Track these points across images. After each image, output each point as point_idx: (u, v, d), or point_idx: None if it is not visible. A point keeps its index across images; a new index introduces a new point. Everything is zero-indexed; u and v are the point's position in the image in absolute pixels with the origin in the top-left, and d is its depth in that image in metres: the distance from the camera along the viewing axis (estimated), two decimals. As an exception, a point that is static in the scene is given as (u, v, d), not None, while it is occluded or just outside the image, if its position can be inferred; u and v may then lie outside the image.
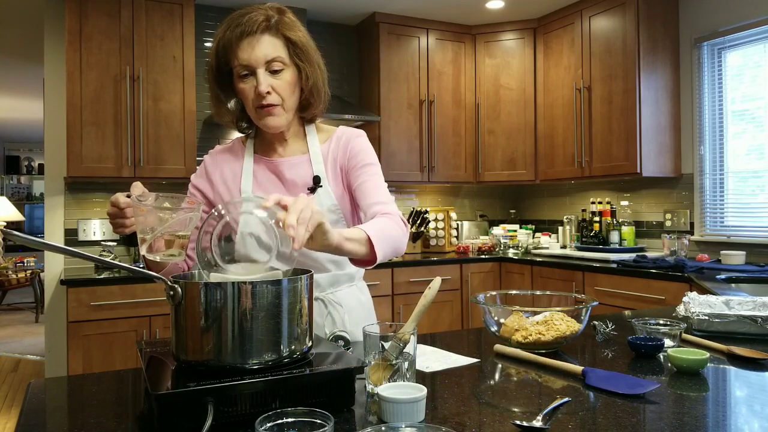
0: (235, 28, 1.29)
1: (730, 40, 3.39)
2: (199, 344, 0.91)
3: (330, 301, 1.42)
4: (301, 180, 1.41)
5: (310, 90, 1.38)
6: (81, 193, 3.54)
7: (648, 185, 3.82)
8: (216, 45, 1.33)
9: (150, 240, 1.05)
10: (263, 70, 1.29)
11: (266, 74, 1.30)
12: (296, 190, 1.40)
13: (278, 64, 1.30)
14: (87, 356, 2.89)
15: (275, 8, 1.34)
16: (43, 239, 1.12)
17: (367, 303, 1.52)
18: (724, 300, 1.58)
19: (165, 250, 1.09)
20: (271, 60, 1.29)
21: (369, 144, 1.47)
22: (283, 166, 1.42)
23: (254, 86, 1.30)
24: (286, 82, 1.32)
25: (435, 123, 4.20)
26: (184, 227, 1.08)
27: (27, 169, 11.41)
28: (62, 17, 3.40)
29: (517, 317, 1.31)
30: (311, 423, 0.77)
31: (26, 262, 7.30)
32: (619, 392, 0.99)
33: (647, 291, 2.99)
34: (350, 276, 1.47)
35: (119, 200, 1.10)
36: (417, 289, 3.68)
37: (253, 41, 1.28)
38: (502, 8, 4.03)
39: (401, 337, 0.99)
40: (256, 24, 1.28)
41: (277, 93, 1.31)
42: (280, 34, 1.31)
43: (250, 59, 1.28)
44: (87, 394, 1.05)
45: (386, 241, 1.21)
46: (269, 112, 1.32)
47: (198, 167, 1.50)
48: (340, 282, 1.45)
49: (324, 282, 1.42)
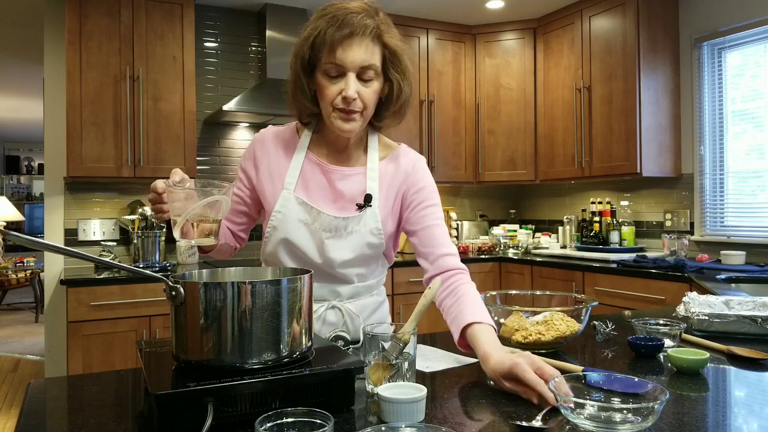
0: (342, 25, 1.21)
1: (730, 40, 3.39)
2: (198, 344, 0.91)
3: (348, 310, 1.41)
4: (350, 193, 1.35)
5: (401, 105, 1.33)
6: (81, 193, 3.54)
7: (648, 185, 3.82)
8: (313, 35, 1.24)
9: (180, 223, 1.06)
10: (354, 75, 1.23)
11: (356, 80, 1.24)
12: (342, 202, 1.35)
13: (371, 74, 1.25)
14: (87, 356, 2.89)
15: (373, 8, 1.27)
16: (43, 239, 1.12)
17: (384, 305, 1.52)
18: (724, 300, 1.58)
19: (196, 235, 1.10)
20: (366, 67, 1.23)
21: (430, 175, 1.43)
22: (335, 174, 1.36)
23: (341, 88, 1.23)
24: (373, 91, 1.27)
25: (435, 123, 4.20)
26: (215, 211, 1.08)
27: (27, 169, 11.42)
28: (62, 17, 3.40)
29: (517, 317, 1.31)
30: (311, 423, 0.77)
31: (26, 262, 7.29)
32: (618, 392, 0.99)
33: (647, 291, 2.99)
34: (370, 287, 1.46)
35: (157, 185, 1.08)
36: (417, 289, 3.68)
37: (353, 44, 1.21)
38: (502, 8, 4.03)
39: (401, 337, 0.99)
40: (365, 28, 1.22)
41: (361, 100, 1.25)
42: (380, 40, 1.25)
43: (345, 61, 1.22)
44: (87, 394, 1.05)
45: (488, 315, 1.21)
46: (347, 117, 1.26)
47: (247, 149, 1.43)
48: (360, 294, 1.44)
49: (345, 293, 1.41)
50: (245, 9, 3.92)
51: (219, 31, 3.87)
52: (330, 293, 1.40)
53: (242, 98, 3.49)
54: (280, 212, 1.33)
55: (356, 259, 1.37)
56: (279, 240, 1.34)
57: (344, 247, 1.34)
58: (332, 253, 1.34)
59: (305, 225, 1.33)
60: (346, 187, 1.36)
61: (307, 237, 1.34)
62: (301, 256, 1.35)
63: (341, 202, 1.35)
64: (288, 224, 1.33)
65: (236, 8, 3.90)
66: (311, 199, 1.34)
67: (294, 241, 1.33)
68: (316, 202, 1.34)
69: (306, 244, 1.34)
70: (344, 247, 1.34)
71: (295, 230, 1.33)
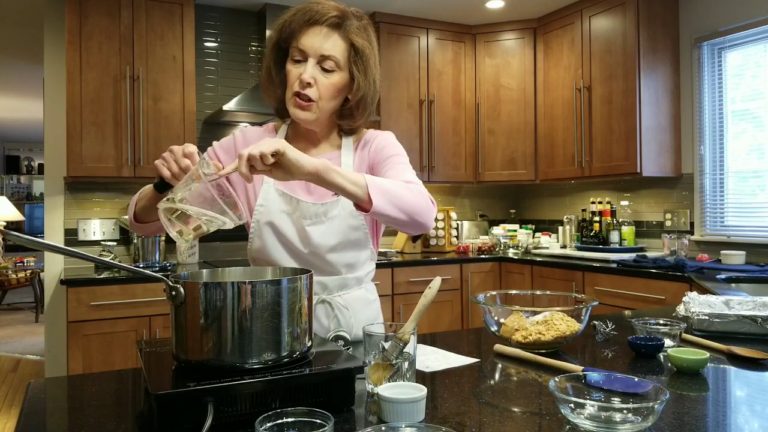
0: (306, 13, 1.29)
1: (730, 39, 3.39)
2: (198, 344, 0.91)
3: (337, 304, 1.42)
4: None
5: (357, 102, 1.36)
6: (81, 192, 3.54)
7: (648, 185, 3.82)
8: (282, 24, 1.33)
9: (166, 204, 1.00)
10: (314, 62, 1.29)
11: (316, 67, 1.29)
12: (319, 189, 1.37)
13: (331, 64, 1.30)
14: (87, 356, 2.89)
15: (354, 12, 1.34)
16: (43, 239, 1.12)
17: (375, 303, 1.52)
18: (724, 300, 1.58)
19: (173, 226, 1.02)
20: (326, 56, 1.29)
21: (394, 139, 1.46)
22: None
23: (300, 72, 1.29)
24: (331, 84, 1.31)
25: (435, 123, 4.20)
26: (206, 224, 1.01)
27: (27, 169, 11.42)
28: (62, 17, 3.40)
29: (517, 317, 1.31)
30: (311, 423, 0.77)
31: (26, 262, 7.29)
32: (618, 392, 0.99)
33: (647, 291, 2.99)
34: (359, 279, 1.46)
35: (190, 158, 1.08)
36: (417, 289, 3.68)
37: (317, 31, 1.29)
38: (502, 8, 4.03)
39: (401, 337, 0.98)
40: (327, 17, 1.29)
41: (318, 89, 1.30)
42: (347, 36, 1.31)
43: (306, 46, 1.28)
44: (87, 394, 1.05)
45: (388, 192, 1.14)
46: (301, 105, 1.30)
47: (226, 138, 1.46)
48: (348, 285, 1.44)
49: (333, 285, 1.42)
50: (245, 9, 3.92)
51: (219, 31, 3.87)
52: (317, 285, 1.41)
53: (242, 98, 3.49)
54: (263, 205, 1.36)
55: (341, 244, 1.38)
56: (265, 233, 1.37)
57: (327, 233, 1.36)
58: (316, 239, 1.36)
59: (287, 215, 1.36)
60: None
61: (290, 227, 1.36)
62: (289, 247, 1.37)
63: (318, 189, 1.37)
64: (272, 216, 1.36)
65: (236, 8, 3.90)
66: (290, 189, 1.38)
67: (280, 231, 1.36)
68: (294, 192, 1.37)
69: (291, 234, 1.36)
70: (327, 233, 1.36)
71: (279, 221, 1.36)
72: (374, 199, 1.11)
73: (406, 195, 1.18)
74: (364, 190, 1.12)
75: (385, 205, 1.13)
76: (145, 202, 1.26)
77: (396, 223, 1.19)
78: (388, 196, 1.14)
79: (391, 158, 1.38)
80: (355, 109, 1.38)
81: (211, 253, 3.83)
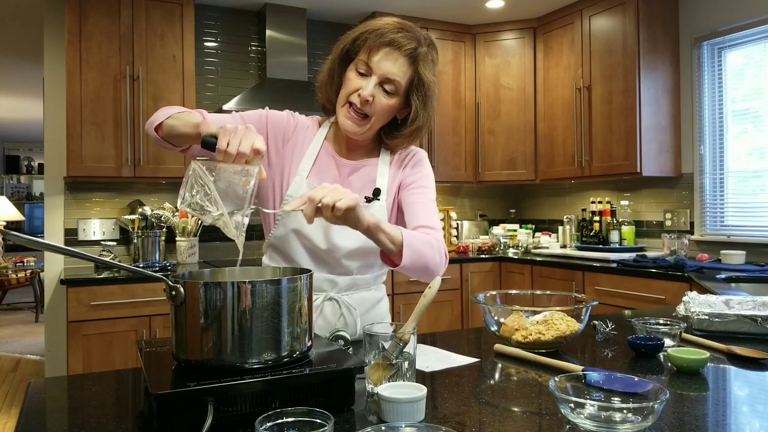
0: (386, 34, 1.30)
1: (730, 39, 3.39)
2: (198, 344, 0.91)
3: (345, 302, 1.43)
4: (358, 185, 1.41)
5: (412, 130, 1.40)
6: (81, 192, 3.54)
7: (648, 185, 3.82)
8: (359, 32, 1.34)
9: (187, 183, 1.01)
10: (377, 80, 1.31)
11: (377, 86, 1.31)
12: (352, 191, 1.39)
13: (392, 87, 1.32)
14: (87, 356, 2.89)
15: (429, 40, 1.37)
16: (43, 239, 1.11)
17: (383, 302, 1.53)
18: (724, 299, 1.58)
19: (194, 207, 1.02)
20: (389, 79, 1.31)
21: (428, 161, 1.51)
22: (347, 168, 1.43)
23: (361, 86, 1.31)
24: (388, 105, 1.33)
25: (435, 123, 4.19)
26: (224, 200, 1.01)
27: (27, 168, 11.42)
28: (62, 17, 3.40)
29: (517, 317, 1.31)
30: (311, 423, 0.77)
31: (26, 262, 7.29)
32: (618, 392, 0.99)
33: (647, 291, 2.99)
34: (368, 282, 1.48)
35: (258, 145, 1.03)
36: (417, 289, 3.68)
37: (389, 55, 1.30)
38: (502, 8, 4.03)
39: (401, 337, 0.99)
40: (404, 47, 1.30)
41: (373, 107, 1.32)
42: (416, 68, 1.33)
43: (372, 64, 1.30)
44: (87, 394, 1.05)
45: (416, 253, 1.24)
46: (353, 118, 1.33)
47: (284, 113, 1.44)
48: (358, 286, 1.46)
49: (343, 284, 1.43)
50: (245, 9, 3.91)
51: (219, 30, 3.87)
52: (327, 283, 1.42)
53: (242, 98, 3.49)
54: (292, 196, 1.37)
55: (359, 250, 1.40)
56: (289, 223, 1.38)
57: (349, 236, 1.37)
58: (336, 239, 1.37)
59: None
60: (355, 180, 1.42)
61: (315, 222, 1.35)
62: (307, 243, 1.38)
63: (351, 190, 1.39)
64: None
65: (236, 8, 3.89)
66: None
67: (304, 224, 1.36)
68: None
69: (314, 230, 1.37)
70: (349, 236, 1.37)
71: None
72: (404, 258, 1.23)
73: (428, 254, 1.28)
74: (399, 248, 1.23)
75: (410, 264, 1.25)
76: (182, 129, 1.18)
77: (409, 275, 1.30)
78: (415, 256, 1.25)
79: (422, 190, 1.43)
80: (408, 136, 1.41)
81: (211, 253, 3.83)
